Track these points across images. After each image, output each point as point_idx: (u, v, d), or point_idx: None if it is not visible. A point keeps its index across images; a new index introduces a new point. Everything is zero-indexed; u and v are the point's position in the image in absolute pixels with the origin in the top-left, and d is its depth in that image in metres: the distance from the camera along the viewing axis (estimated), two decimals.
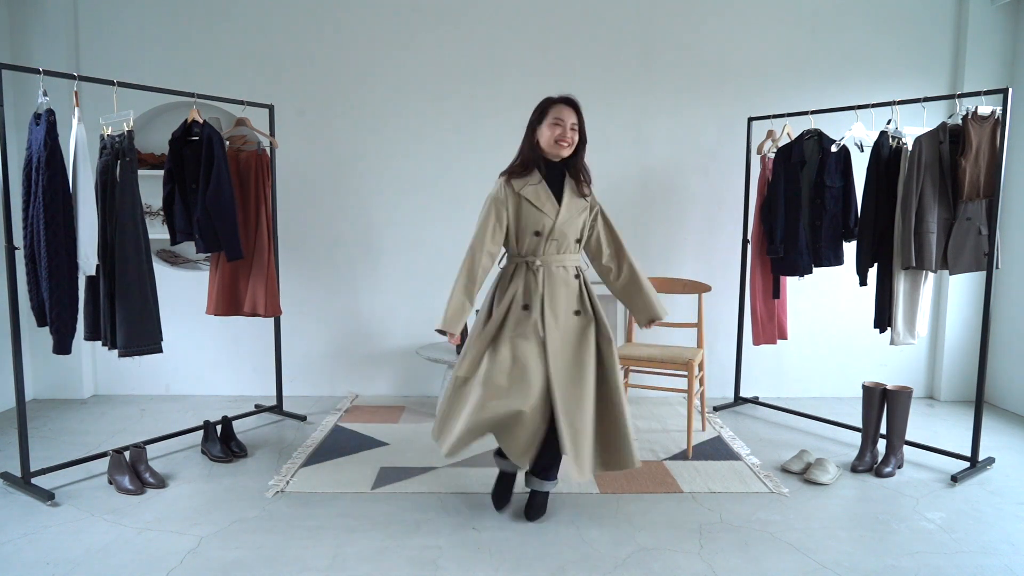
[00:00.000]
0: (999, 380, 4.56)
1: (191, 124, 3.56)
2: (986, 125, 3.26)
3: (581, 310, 2.74)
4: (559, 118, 2.66)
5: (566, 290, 2.71)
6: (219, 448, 3.51)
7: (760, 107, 4.42)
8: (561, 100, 2.69)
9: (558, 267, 2.71)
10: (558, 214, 2.68)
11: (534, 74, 4.51)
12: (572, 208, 2.72)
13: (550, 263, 2.70)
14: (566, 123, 2.66)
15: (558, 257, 2.71)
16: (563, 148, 2.68)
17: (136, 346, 3.14)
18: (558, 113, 2.66)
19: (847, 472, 3.40)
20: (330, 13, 4.47)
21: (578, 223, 2.75)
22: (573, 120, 2.68)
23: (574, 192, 2.75)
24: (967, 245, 3.36)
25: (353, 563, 2.51)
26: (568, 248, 2.74)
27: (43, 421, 4.09)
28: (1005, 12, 4.43)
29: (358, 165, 4.56)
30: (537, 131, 2.71)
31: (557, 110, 2.67)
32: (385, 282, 4.64)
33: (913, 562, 2.56)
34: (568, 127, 2.66)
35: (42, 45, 4.28)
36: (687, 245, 4.67)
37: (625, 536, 2.73)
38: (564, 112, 2.67)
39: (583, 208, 2.76)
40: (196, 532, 2.73)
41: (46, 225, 2.93)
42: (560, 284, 2.70)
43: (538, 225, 2.67)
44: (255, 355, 4.59)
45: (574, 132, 2.69)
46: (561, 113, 2.66)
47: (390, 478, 3.26)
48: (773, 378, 4.72)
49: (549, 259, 2.70)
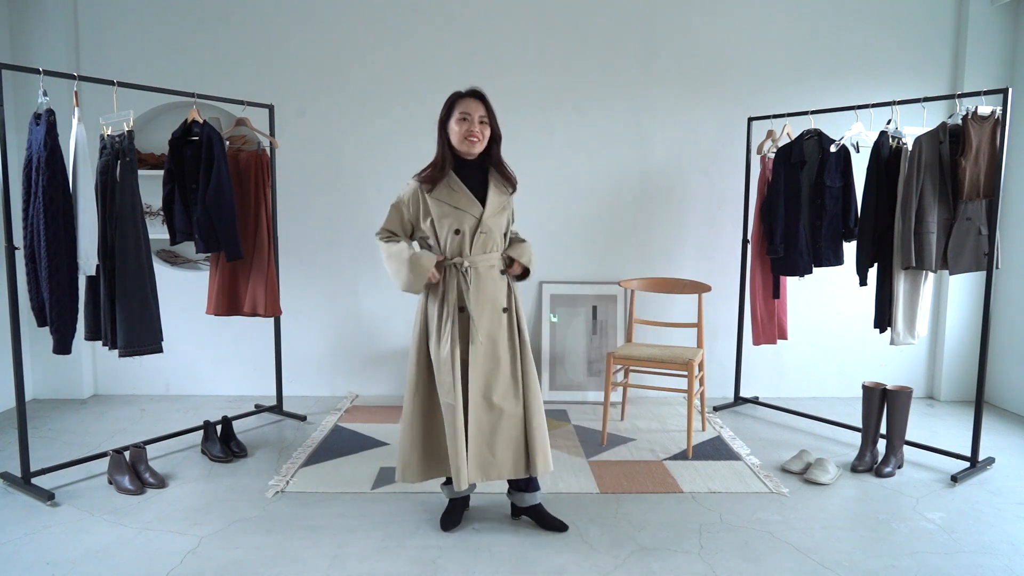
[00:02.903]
0: (999, 380, 4.56)
1: (191, 124, 3.56)
2: (986, 125, 3.26)
3: (509, 306, 2.67)
4: (466, 112, 2.53)
5: (494, 287, 2.64)
6: (219, 448, 3.51)
7: (760, 107, 4.42)
8: (467, 93, 2.56)
9: (486, 266, 2.63)
10: (482, 212, 2.59)
11: (534, 74, 4.52)
12: (496, 205, 2.63)
13: (478, 263, 2.61)
14: (474, 117, 2.53)
15: (485, 256, 2.62)
16: (474, 144, 2.56)
17: (136, 346, 3.14)
18: (465, 108, 2.54)
19: (847, 472, 3.40)
20: (330, 13, 4.46)
21: (503, 219, 2.66)
22: (481, 113, 2.55)
23: (499, 188, 2.65)
24: (967, 245, 3.36)
25: (353, 563, 2.52)
26: (495, 246, 2.65)
27: (43, 421, 4.09)
28: (1005, 12, 4.42)
29: (358, 165, 4.56)
30: (448, 128, 2.60)
31: (464, 104, 2.54)
32: (385, 282, 4.62)
33: (913, 562, 2.56)
34: (476, 121, 2.54)
35: (42, 45, 4.28)
36: (687, 245, 4.67)
37: (625, 536, 2.73)
38: (471, 106, 2.54)
39: (506, 204, 2.68)
40: (196, 532, 2.73)
41: (46, 225, 2.93)
42: (488, 282, 2.62)
43: (459, 223, 2.58)
44: (255, 355, 4.59)
45: (484, 125, 2.57)
46: (468, 107, 2.54)
47: (390, 478, 3.26)
48: (773, 378, 4.72)
49: (476, 259, 2.61)
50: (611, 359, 3.74)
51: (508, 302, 2.68)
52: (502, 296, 2.66)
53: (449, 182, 2.60)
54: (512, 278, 2.74)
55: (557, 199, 4.58)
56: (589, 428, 4.01)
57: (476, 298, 2.60)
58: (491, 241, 2.64)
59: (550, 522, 2.77)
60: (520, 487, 2.77)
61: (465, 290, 2.59)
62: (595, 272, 4.67)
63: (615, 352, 3.78)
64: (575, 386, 4.60)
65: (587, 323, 4.63)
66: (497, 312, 2.64)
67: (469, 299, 2.59)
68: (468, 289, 2.59)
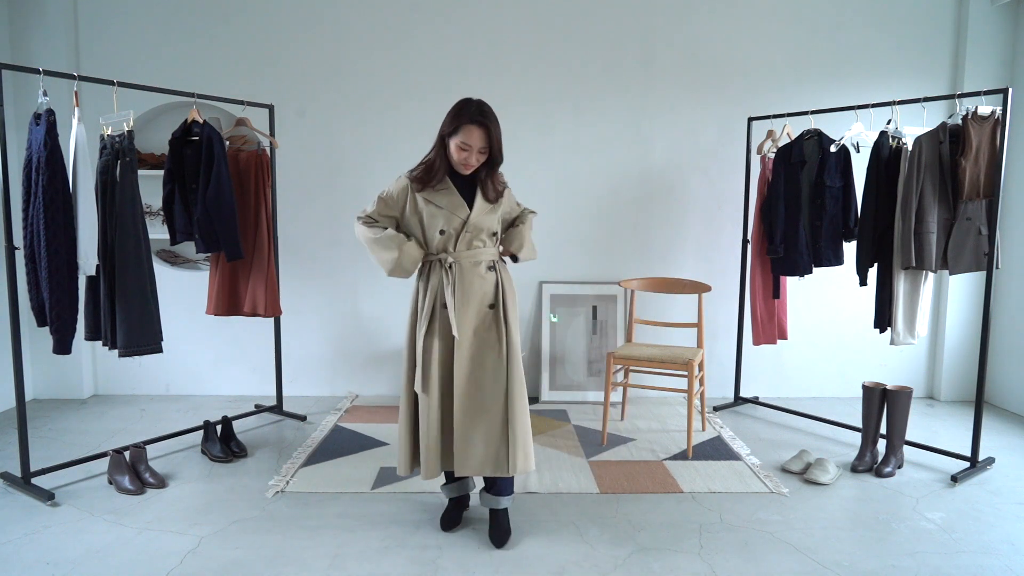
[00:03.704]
0: (999, 380, 4.56)
1: (191, 124, 3.56)
2: (986, 125, 3.26)
3: (496, 303, 2.66)
4: (467, 143, 2.51)
5: (480, 283, 2.63)
6: (219, 448, 3.51)
7: (760, 107, 4.42)
8: (473, 122, 2.51)
9: (472, 263, 2.63)
10: (469, 214, 2.60)
11: (534, 74, 4.52)
12: (484, 206, 2.63)
13: (462, 259, 2.62)
14: (473, 149, 2.52)
15: (469, 253, 2.63)
16: (466, 169, 2.59)
17: (136, 346, 3.14)
18: (467, 137, 2.51)
19: (847, 472, 3.40)
20: (330, 13, 4.47)
21: (493, 218, 2.66)
22: (481, 145, 2.53)
23: (485, 197, 2.65)
24: (967, 245, 3.36)
25: (353, 563, 2.52)
26: (482, 243, 2.65)
27: (43, 421, 4.09)
28: (1005, 12, 4.42)
29: (358, 165, 4.56)
30: (447, 144, 2.58)
31: (467, 134, 2.51)
32: (385, 282, 4.62)
33: (913, 562, 2.56)
34: (475, 153, 2.54)
35: (42, 45, 4.28)
36: (687, 245, 4.67)
37: (625, 536, 2.73)
38: (474, 136, 2.51)
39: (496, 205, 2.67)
40: (196, 532, 2.73)
41: (46, 225, 2.93)
42: (474, 279, 2.62)
43: (445, 224, 2.59)
44: (255, 355, 4.59)
45: (482, 155, 2.56)
46: (471, 138, 2.51)
47: (390, 478, 3.26)
48: (773, 378, 4.72)
49: (460, 255, 2.62)
50: (611, 359, 3.74)
51: (496, 299, 2.66)
52: (488, 293, 2.65)
53: (441, 187, 2.61)
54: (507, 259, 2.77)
55: (557, 199, 4.58)
56: (589, 428, 4.02)
57: (460, 294, 2.60)
58: (478, 238, 2.64)
59: (498, 531, 2.68)
60: (488, 487, 2.74)
61: (447, 285, 2.60)
62: (595, 272, 4.67)
63: (615, 352, 3.78)
64: (575, 386, 4.60)
65: (587, 323, 4.63)
66: (483, 309, 2.64)
67: (450, 295, 2.59)
68: (449, 285, 2.60)
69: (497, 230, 2.72)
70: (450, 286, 2.60)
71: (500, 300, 2.66)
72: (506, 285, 2.70)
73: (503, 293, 2.68)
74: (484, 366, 2.62)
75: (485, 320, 2.64)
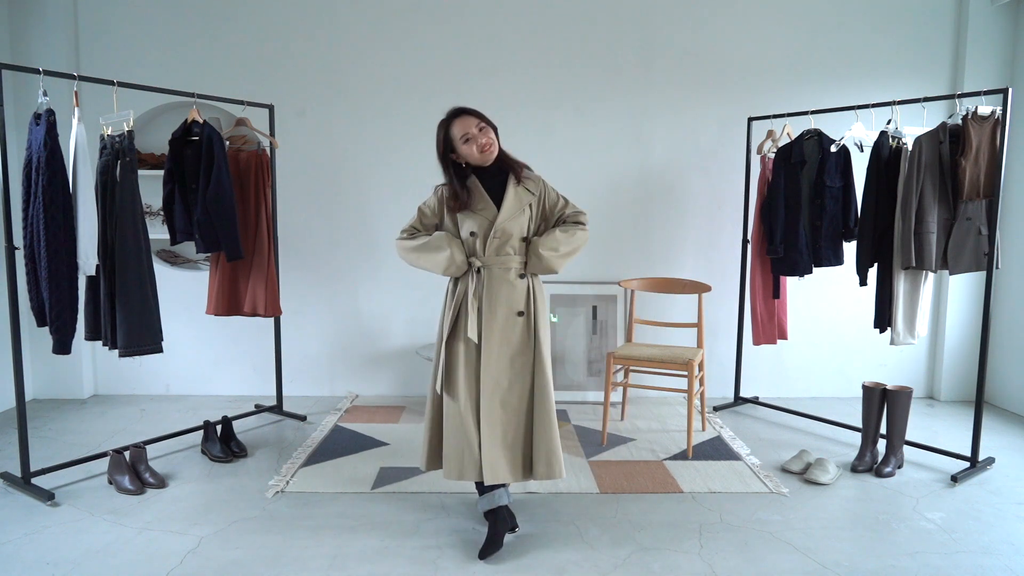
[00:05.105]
0: (999, 380, 4.56)
1: (191, 124, 3.56)
2: (986, 125, 3.26)
3: (525, 311, 2.66)
4: (466, 133, 2.55)
5: (509, 290, 2.63)
6: (219, 448, 3.51)
7: (760, 107, 4.42)
8: (455, 117, 2.58)
9: (501, 269, 2.63)
10: (496, 216, 2.60)
11: (534, 74, 4.52)
12: (513, 208, 2.63)
13: (491, 264, 2.63)
14: (473, 132, 2.55)
15: (499, 259, 2.63)
16: (490, 153, 2.59)
17: (136, 346, 3.14)
18: (461, 129, 2.56)
19: (847, 472, 3.40)
20: (330, 13, 4.47)
21: (520, 222, 2.64)
22: (475, 123, 2.57)
23: (517, 187, 2.65)
24: (967, 245, 3.36)
25: (353, 563, 2.52)
26: (512, 248, 2.64)
27: (43, 421, 4.09)
28: (1005, 12, 4.42)
29: (358, 165, 4.56)
30: (457, 158, 2.61)
31: (457, 128, 2.56)
32: (385, 282, 4.63)
33: (913, 562, 2.56)
34: (478, 133, 2.56)
35: (42, 45, 4.28)
36: (687, 245, 4.67)
37: (625, 536, 2.73)
38: (464, 124, 2.56)
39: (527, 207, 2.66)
40: (196, 532, 2.73)
41: (46, 225, 2.93)
42: (502, 284, 2.63)
43: (475, 226, 2.61)
44: (255, 355, 4.59)
45: (484, 132, 2.58)
46: (464, 127, 2.56)
47: (390, 478, 3.26)
48: (773, 378, 4.72)
49: (490, 260, 2.63)
50: (611, 359, 3.74)
51: (526, 306, 2.67)
52: (519, 300, 2.65)
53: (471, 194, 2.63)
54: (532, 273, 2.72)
55: None
56: (589, 428, 4.02)
57: (487, 299, 2.62)
58: (507, 244, 2.63)
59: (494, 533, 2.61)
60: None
61: (473, 290, 2.62)
62: (595, 272, 4.67)
63: (615, 352, 3.78)
64: (575, 386, 4.59)
65: (587, 323, 4.63)
66: (512, 315, 2.64)
67: (475, 299, 2.61)
68: (476, 289, 2.62)
69: (527, 235, 2.68)
70: (476, 291, 2.62)
71: (531, 308, 2.67)
72: (537, 293, 2.71)
73: (534, 301, 2.68)
74: (510, 373, 2.63)
75: (514, 327, 2.64)
